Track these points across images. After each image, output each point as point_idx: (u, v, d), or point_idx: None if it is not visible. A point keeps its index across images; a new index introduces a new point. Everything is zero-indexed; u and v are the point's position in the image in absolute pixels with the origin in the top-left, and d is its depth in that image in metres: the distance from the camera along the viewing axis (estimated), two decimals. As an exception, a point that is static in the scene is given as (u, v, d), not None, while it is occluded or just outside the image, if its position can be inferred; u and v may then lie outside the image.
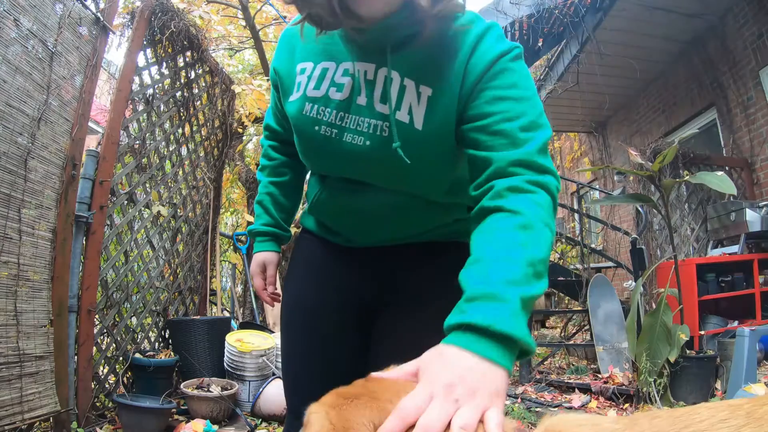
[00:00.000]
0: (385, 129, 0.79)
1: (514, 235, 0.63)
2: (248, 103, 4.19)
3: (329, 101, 0.82)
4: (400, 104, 0.78)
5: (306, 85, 0.85)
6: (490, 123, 0.72)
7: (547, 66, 5.65)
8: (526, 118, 0.72)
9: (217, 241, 3.87)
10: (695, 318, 3.13)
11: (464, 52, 0.76)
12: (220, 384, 2.77)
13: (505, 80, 0.74)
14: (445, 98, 0.77)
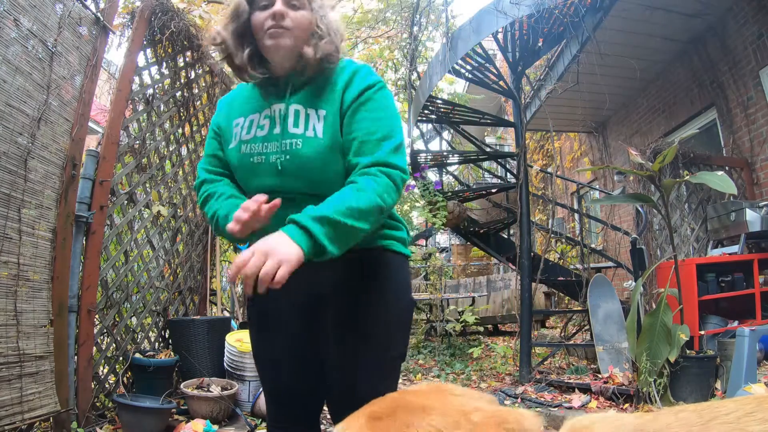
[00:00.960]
0: (298, 143, 1.09)
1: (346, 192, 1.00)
2: (248, 103, 4.19)
3: (256, 138, 1.13)
4: (308, 125, 1.10)
5: (240, 133, 1.16)
6: (357, 136, 1.07)
7: (547, 66, 5.64)
8: (382, 132, 1.07)
9: (217, 241, 3.87)
10: (695, 318, 3.12)
11: (342, 84, 1.11)
12: (220, 384, 2.77)
13: (369, 106, 1.09)
14: (333, 116, 1.10)
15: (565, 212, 7.48)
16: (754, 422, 0.46)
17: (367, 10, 7.88)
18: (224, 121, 1.22)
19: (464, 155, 5.50)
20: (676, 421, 0.49)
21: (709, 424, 0.47)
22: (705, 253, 3.98)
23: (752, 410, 0.47)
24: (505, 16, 3.69)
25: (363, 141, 1.06)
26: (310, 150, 1.07)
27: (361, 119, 1.08)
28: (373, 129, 1.06)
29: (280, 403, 1.21)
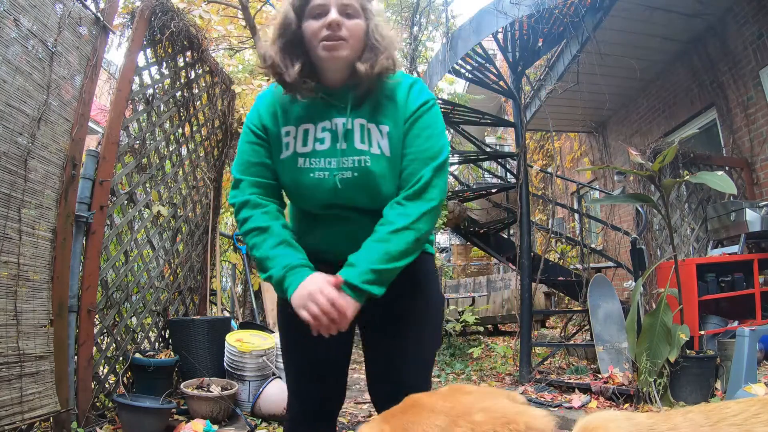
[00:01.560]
0: (367, 161, 1.08)
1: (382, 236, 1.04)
2: (248, 103, 4.19)
3: (316, 152, 1.10)
4: (372, 142, 1.10)
5: (294, 144, 1.12)
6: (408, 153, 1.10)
7: (547, 66, 5.64)
8: (431, 151, 1.09)
9: (217, 241, 3.87)
10: (695, 318, 3.12)
11: (402, 100, 1.12)
12: (220, 384, 2.77)
13: (422, 123, 1.11)
14: (397, 130, 1.11)
15: (565, 212, 7.48)
16: (760, 424, 0.46)
17: (367, 10, 7.86)
18: (273, 126, 1.14)
19: (464, 155, 5.50)
20: (685, 421, 0.49)
21: (717, 425, 0.48)
22: (705, 253, 3.98)
23: (758, 412, 0.47)
24: (505, 16, 3.70)
25: (413, 159, 1.09)
26: (378, 167, 1.08)
27: (414, 136, 1.09)
28: (423, 147, 1.09)
29: (304, 401, 1.22)
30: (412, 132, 1.10)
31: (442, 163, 1.09)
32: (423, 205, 1.06)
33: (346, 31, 1.05)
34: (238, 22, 6.72)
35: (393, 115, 1.11)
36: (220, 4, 6.24)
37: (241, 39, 7.32)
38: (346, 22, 1.05)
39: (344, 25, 1.05)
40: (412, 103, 1.11)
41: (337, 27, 1.04)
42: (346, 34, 1.05)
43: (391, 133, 1.10)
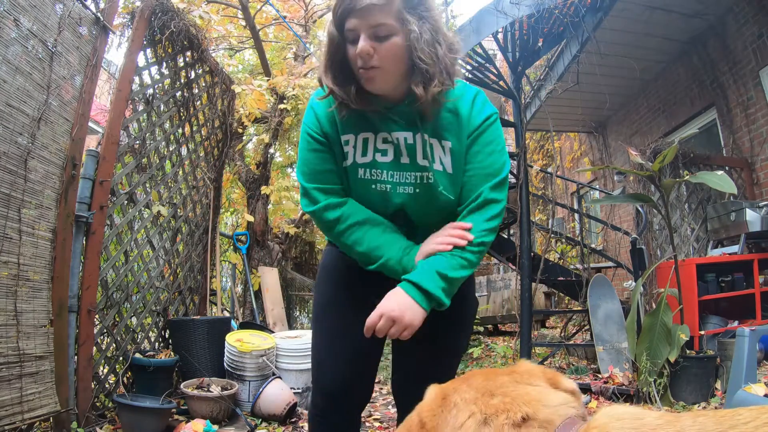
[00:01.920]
0: (429, 177, 1.07)
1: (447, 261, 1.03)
2: (248, 103, 4.20)
3: (377, 164, 1.08)
4: (434, 157, 1.07)
5: (354, 154, 1.09)
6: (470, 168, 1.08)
7: (547, 66, 5.64)
8: (492, 167, 1.08)
9: (217, 241, 3.87)
10: (695, 318, 3.12)
11: (465, 115, 1.08)
12: (220, 384, 2.77)
13: (484, 139, 1.08)
14: (460, 147, 1.08)
15: (565, 212, 7.48)
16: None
17: (367, 10, 7.86)
18: (333, 132, 1.10)
19: (464, 155, 5.49)
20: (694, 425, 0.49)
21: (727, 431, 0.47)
22: (705, 253, 3.98)
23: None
24: (505, 16, 3.69)
25: (473, 175, 1.08)
26: (440, 183, 1.07)
27: (476, 152, 1.08)
28: (485, 163, 1.07)
29: (333, 395, 1.19)
30: (474, 148, 1.08)
31: (503, 180, 1.08)
32: (483, 223, 1.06)
33: (379, 59, 0.98)
34: (238, 22, 6.73)
35: (456, 130, 1.07)
36: (220, 4, 6.24)
37: (241, 39, 7.32)
38: (379, 47, 0.97)
39: (375, 52, 0.97)
40: (476, 118, 1.08)
41: (368, 57, 0.97)
42: (378, 62, 0.98)
43: (454, 149, 1.07)
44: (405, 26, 0.97)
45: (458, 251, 1.03)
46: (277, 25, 7.15)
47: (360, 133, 1.09)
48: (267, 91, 4.77)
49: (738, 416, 0.49)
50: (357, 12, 0.96)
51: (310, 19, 6.86)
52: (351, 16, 0.97)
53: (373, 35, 0.97)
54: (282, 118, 4.98)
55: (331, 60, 1.04)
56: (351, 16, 0.97)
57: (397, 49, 0.98)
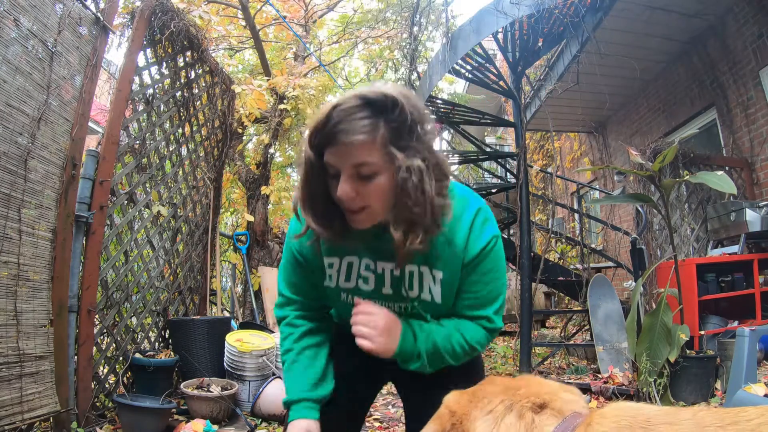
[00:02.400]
0: (415, 306, 1.02)
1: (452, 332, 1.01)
2: (248, 103, 4.20)
3: (359, 291, 1.02)
4: (423, 287, 1.00)
5: (337, 278, 1.04)
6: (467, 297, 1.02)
7: (547, 66, 5.64)
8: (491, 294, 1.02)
9: (217, 241, 3.87)
10: (695, 318, 3.12)
11: (461, 243, 0.97)
12: (220, 384, 2.77)
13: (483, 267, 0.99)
14: (453, 278, 0.99)
15: (565, 212, 7.47)
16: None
17: (367, 10, 7.88)
18: (314, 257, 1.06)
19: (464, 155, 5.50)
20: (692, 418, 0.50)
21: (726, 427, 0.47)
22: (705, 253, 3.98)
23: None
24: (505, 16, 3.69)
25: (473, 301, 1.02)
26: (426, 312, 1.02)
27: (474, 282, 1.00)
28: (484, 292, 1.01)
29: None
30: (472, 277, 0.99)
31: (503, 301, 1.04)
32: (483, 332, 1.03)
33: (362, 201, 0.87)
34: (238, 22, 6.72)
35: (450, 260, 0.98)
36: (220, 4, 6.24)
37: (241, 39, 7.32)
38: (362, 188, 0.86)
39: (359, 193, 0.87)
40: (473, 247, 0.97)
41: (350, 200, 0.87)
42: (362, 203, 0.88)
43: (446, 280, 0.99)
44: (392, 163, 0.85)
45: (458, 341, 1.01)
46: (277, 25, 7.15)
47: (345, 256, 1.02)
48: (267, 91, 4.77)
49: (742, 413, 0.49)
50: (336, 147, 0.84)
51: (310, 19, 6.86)
52: (329, 149, 0.85)
53: (356, 174, 0.85)
54: (282, 118, 4.98)
55: (310, 193, 0.92)
56: (329, 149, 0.85)
57: (384, 189, 0.87)
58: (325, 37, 8.08)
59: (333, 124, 0.83)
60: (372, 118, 0.83)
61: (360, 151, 0.83)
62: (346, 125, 0.82)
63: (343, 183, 0.86)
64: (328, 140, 0.84)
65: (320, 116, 0.85)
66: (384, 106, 0.84)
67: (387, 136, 0.84)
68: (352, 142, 0.82)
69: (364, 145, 0.83)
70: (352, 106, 0.83)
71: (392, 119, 0.84)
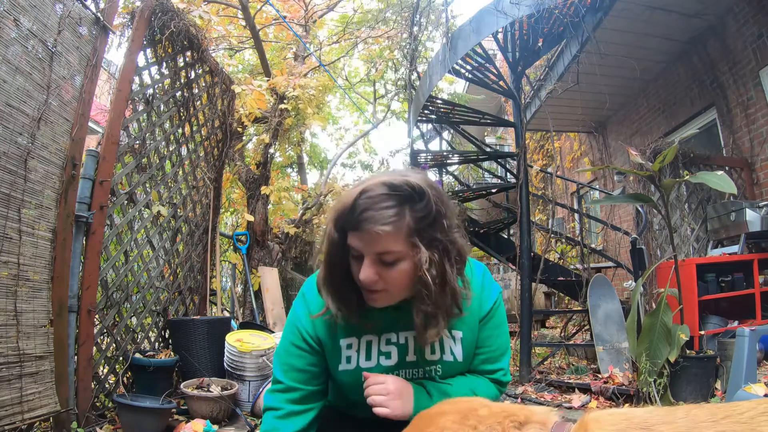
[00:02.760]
0: (438, 370, 1.03)
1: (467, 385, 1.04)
2: (248, 103, 4.20)
3: (381, 368, 1.01)
4: (444, 349, 1.02)
5: (357, 358, 1.02)
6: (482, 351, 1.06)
7: (547, 66, 5.64)
8: (501, 348, 1.08)
9: (217, 241, 3.88)
10: (695, 318, 3.12)
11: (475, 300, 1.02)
12: (220, 384, 2.77)
13: (493, 323, 1.06)
14: (472, 335, 1.04)
15: (565, 212, 7.47)
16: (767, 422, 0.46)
17: (367, 10, 7.88)
18: (329, 339, 1.03)
19: (464, 155, 5.50)
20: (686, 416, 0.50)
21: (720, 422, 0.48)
22: (705, 253, 3.98)
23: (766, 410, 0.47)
24: (505, 16, 3.69)
25: (487, 357, 1.06)
26: (449, 373, 1.04)
27: (487, 337, 1.06)
28: (495, 346, 1.07)
29: None
30: (484, 332, 1.05)
31: (509, 353, 1.11)
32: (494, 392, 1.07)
33: (383, 284, 0.89)
34: (238, 22, 6.72)
35: (467, 320, 1.02)
36: (220, 4, 6.24)
37: (241, 39, 7.32)
38: (384, 272, 0.88)
39: (381, 277, 0.88)
40: (486, 304, 1.05)
41: (372, 284, 0.89)
42: (383, 286, 0.90)
43: (465, 338, 1.03)
44: (415, 252, 0.87)
45: None
46: (277, 25, 7.15)
47: (363, 335, 1.02)
48: (267, 91, 4.77)
49: (734, 408, 0.49)
50: (361, 234, 0.86)
51: (310, 19, 6.86)
52: (354, 233, 0.87)
53: (379, 260, 0.87)
54: (282, 118, 4.98)
55: (331, 273, 0.94)
56: (354, 233, 0.87)
57: (406, 275, 0.89)
58: (325, 37, 8.08)
59: (360, 211, 0.84)
60: (398, 207, 0.85)
61: (385, 241, 0.85)
62: (372, 213, 0.83)
63: (367, 268, 0.87)
64: (354, 226, 0.86)
65: (346, 201, 0.87)
66: (410, 197, 0.86)
67: (411, 226, 0.86)
68: (377, 231, 0.83)
69: (389, 234, 0.84)
70: (379, 194, 0.85)
71: (417, 209, 0.86)
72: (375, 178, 0.88)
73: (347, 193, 0.88)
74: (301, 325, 1.04)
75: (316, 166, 11.50)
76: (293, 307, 1.09)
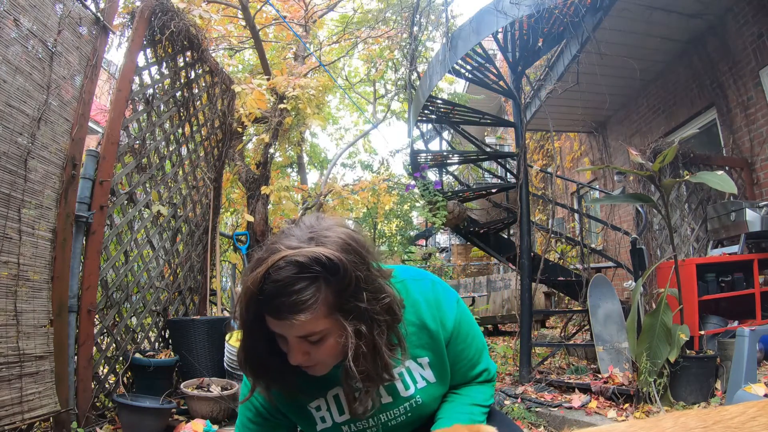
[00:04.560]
0: (418, 400, 0.99)
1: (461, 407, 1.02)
2: (248, 103, 4.19)
3: (357, 418, 0.95)
4: (415, 379, 0.98)
5: (330, 416, 0.97)
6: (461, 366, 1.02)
7: (547, 66, 5.64)
8: (477, 354, 1.04)
9: (217, 241, 3.87)
10: (695, 318, 3.12)
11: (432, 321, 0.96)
12: (220, 384, 2.77)
13: (464, 333, 1.00)
14: (441, 357, 0.99)
15: (565, 212, 7.47)
16: (759, 427, 0.46)
17: (367, 10, 7.88)
18: (288, 407, 0.99)
19: (464, 155, 5.50)
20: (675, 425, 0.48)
21: (711, 427, 0.47)
22: (705, 253, 3.98)
23: (756, 414, 0.47)
24: (505, 16, 3.69)
25: (468, 366, 1.04)
26: (429, 398, 1.00)
27: (460, 351, 1.01)
28: (471, 353, 1.03)
29: None
30: (456, 348, 1.00)
31: (486, 349, 1.07)
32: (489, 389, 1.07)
33: (316, 359, 0.83)
34: (238, 22, 6.72)
35: (430, 344, 0.97)
36: (220, 4, 6.24)
37: (241, 39, 7.32)
38: (313, 350, 0.82)
39: (312, 355, 0.82)
40: (447, 321, 0.97)
41: (304, 363, 0.83)
42: (317, 360, 0.84)
43: (433, 361, 0.98)
44: (339, 329, 0.80)
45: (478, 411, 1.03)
46: (277, 25, 7.15)
47: (328, 391, 0.95)
48: (267, 91, 4.76)
49: (723, 412, 0.49)
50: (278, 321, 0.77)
51: (310, 19, 6.86)
52: (270, 319, 0.78)
53: (304, 341, 0.81)
54: (282, 118, 4.98)
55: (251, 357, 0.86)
56: (270, 319, 0.78)
57: (332, 350, 0.82)
58: (325, 37, 8.08)
59: (270, 299, 0.75)
60: (312, 287, 0.76)
61: (306, 325, 0.77)
62: (284, 300, 0.75)
63: (294, 353, 0.81)
64: (268, 312, 0.77)
65: (252, 286, 0.76)
66: (322, 275, 0.77)
67: (331, 302, 0.78)
68: (294, 321, 0.76)
69: (308, 319, 0.76)
70: (287, 277, 0.75)
71: (333, 283, 0.77)
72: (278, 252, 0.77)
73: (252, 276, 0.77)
74: (258, 401, 0.99)
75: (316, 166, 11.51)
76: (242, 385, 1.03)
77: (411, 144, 5.48)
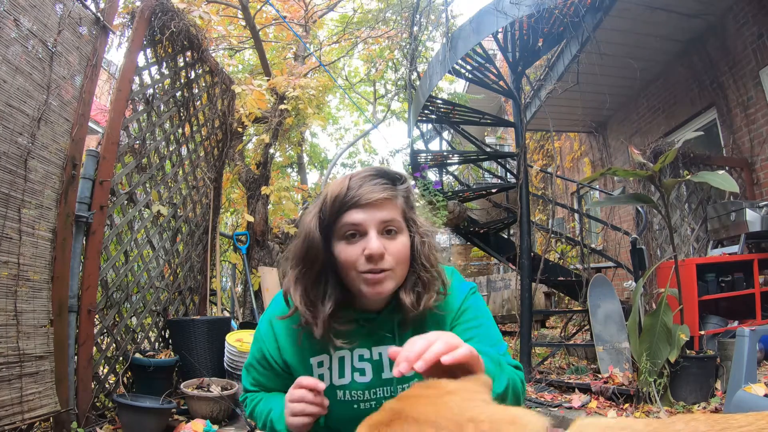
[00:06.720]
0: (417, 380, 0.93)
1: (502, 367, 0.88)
2: (248, 103, 4.19)
3: (356, 384, 0.95)
4: None
5: (330, 376, 0.95)
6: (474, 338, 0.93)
7: (547, 66, 5.64)
8: (494, 336, 0.96)
9: (217, 241, 3.87)
10: (695, 318, 3.12)
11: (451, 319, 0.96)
12: (220, 384, 2.77)
13: (468, 314, 0.97)
14: None
15: (565, 212, 7.47)
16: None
17: (367, 10, 7.88)
18: (297, 362, 0.98)
19: (464, 155, 5.50)
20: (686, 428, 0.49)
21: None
22: (705, 253, 3.98)
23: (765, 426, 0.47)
24: (505, 16, 3.69)
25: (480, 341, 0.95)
26: None
27: (467, 329, 0.95)
28: (483, 330, 0.96)
29: None
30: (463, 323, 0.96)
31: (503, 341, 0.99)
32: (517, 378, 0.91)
33: (391, 259, 0.85)
34: (238, 22, 6.73)
35: (439, 321, 0.96)
36: (220, 4, 6.24)
37: (241, 39, 7.32)
38: (389, 245, 0.85)
39: (387, 252, 0.84)
40: (455, 301, 0.97)
41: (380, 258, 0.83)
42: (391, 263, 0.85)
43: None
44: (408, 228, 0.89)
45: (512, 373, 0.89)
46: (277, 25, 7.15)
47: (335, 351, 0.95)
48: (267, 91, 4.76)
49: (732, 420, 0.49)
50: (365, 205, 0.84)
51: (310, 19, 6.86)
52: (353, 211, 0.84)
53: (384, 229, 0.85)
54: (282, 118, 4.98)
55: (306, 270, 0.89)
56: (353, 211, 0.84)
57: (405, 251, 0.88)
58: (325, 37, 8.08)
59: (356, 189, 0.85)
60: (389, 184, 0.88)
61: (388, 208, 0.87)
62: (369, 187, 0.85)
63: (374, 239, 0.84)
64: (352, 203, 0.85)
65: (335, 189, 0.86)
66: (395, 178, 0.90)
67: (402, 204, 0.90)
68: (378, 199, 0.85)
69: (390, 202, 0.87)
70: (368, 175, 0.88)
71: (402, 190, 0.91)
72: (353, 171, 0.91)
73: (333, 185, 0.88)
74: (268, 351, 0.99)
75: (316, 166, 11.51)
76: (258, 327, 1.03)
77: (411, 144, 5.48)
